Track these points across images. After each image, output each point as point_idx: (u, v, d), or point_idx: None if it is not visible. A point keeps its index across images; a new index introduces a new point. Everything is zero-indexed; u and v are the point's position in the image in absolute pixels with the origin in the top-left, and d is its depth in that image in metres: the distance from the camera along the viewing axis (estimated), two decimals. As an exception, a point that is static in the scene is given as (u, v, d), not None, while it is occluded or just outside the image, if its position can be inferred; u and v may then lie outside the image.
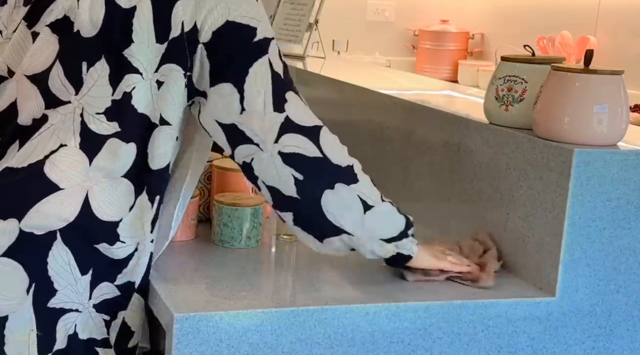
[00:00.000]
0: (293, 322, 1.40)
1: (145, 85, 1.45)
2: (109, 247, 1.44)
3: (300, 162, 1.43)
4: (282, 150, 1.43)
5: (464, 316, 1.48)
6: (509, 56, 1.71)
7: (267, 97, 1.43)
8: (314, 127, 1.45)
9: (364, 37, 4.35)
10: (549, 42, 3.66)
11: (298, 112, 1.45)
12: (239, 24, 1.44)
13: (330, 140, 1.46)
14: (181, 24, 1.43)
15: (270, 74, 1.45)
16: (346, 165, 1.47)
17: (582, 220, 1.51)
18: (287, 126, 1.43)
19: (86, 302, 1.45)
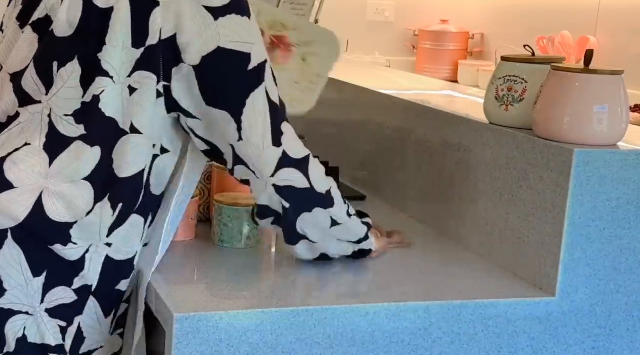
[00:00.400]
0: (293, 322, 1.40)
1: (115, 89, 1.42)
2: (62, 248, 1.42)
3: (290, 193, 1.48)
4: (276, 183, 1.47)
5: (464, 316, 1.48)
6: (509, 56, 1.71)
7: (266, 130, 1.44)
8: (304, 158, 1.49)
9: (364, 37, 4.35)
10: (549, 42, 3.66)
11: (292, 145, 1.48)
12: (231, 51, 1.41)
13: (316, 169, 1.51)
14: (159, 32, 1.40)
15: (268, 105, 1.44)
16: (326, 192, 1.52)
17: (582, 220, 1.51)
18: (283, 161, 1.46)
19: (37, 306, 1.42)
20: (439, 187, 1.88)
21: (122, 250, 1.47)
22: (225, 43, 1.40)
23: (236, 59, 1.42)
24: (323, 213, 1.52)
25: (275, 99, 1.46)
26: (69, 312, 1.45)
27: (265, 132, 1.44)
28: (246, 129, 1.43)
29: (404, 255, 1.72)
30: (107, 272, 1.46)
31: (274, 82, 1.47)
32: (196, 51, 1.40)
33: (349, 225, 1.57)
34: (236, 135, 1.44)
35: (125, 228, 1.46)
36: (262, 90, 1.43)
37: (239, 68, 1.42)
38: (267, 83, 1.44)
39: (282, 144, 1.45)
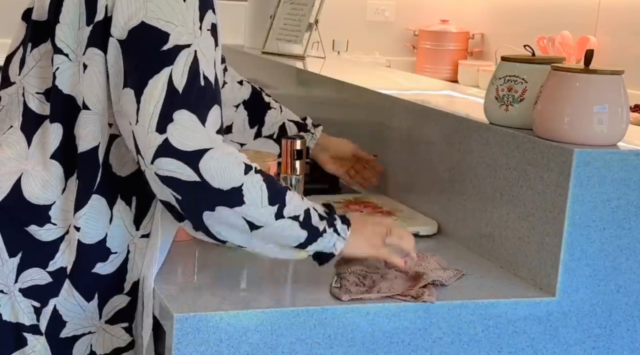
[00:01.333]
0: (293, 322, 1.40)
1: (72, 67, 1.46)
2: (37, 229, 1.45)
3: (176, 184, 1.37)
4: (157, 172, 1.37)
5: (464, 316, 1.48)
6: (509, 56, 1.71)
7: (155, 113, 1.36)
8: (195, 152, 1.36)
9: (364, 37, 4.35)
10: (549, 42, 3.66)
11: (181, 135, 1.36)
12: (153, 27, 1.39)
13: (212, 164, 1.36)
14: (105, 8, 1.42)
15: (167, 89, 1.37)
16: (230, 189, 1.38)
17: (582, 220, 1.51)
18: (164, 149, 1.35)
19: (11, 285, 1.46)
20: (439, 187, 1.88)
21: (87, 234, 1.47)
22: (149, 18, 1.39)
23: (153, 37, 1.39)
24: (230, 212, 1.38)
25: (178, 86, 1.37)
26: (43, 293, 1.48)
27: (153, 116, 1.36)
28: (141, 111, 1.37)
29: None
30: (81, 256, 1.48)
31: (191, 69, 1.39)
32: (123, 24, 1.40)
33: (275, 228, 1.41)
34: (134, 118, 1.38)
35: (88, 210, 1.46)
36: (166, 72, 1.37)
37: (153, 46, 1.39)
38: (175, 67, 1.37)
39: (166, 131, 1.36)
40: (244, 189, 1.38)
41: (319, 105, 2.55)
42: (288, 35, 3.17)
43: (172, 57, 1.38)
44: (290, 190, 1.45)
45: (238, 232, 1.41)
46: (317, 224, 1.44)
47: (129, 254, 1.52)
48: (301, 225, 1.42)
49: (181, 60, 1.39)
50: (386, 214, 1.93)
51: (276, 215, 1.41)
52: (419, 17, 4.47)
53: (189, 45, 1.40)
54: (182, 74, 1.38)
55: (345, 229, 1.47)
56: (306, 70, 2.84)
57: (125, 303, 1.53)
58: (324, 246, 1.45)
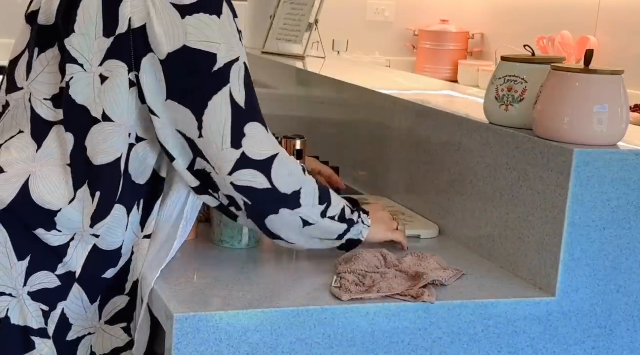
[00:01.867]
0: (293, 322, 1.40)
1: (86, 78, 1.44)
2: (45, 233, 1.45)
3: (250, 192, 1.48)
4: (234, 182, 1.46)
5: (464, 316, 1.48)
6: (509, 56, 1.71)
7: (226, 131, 1.44)
8: (268, 159, 1.47)
9: (364, 37, 4.35)
10: (549, 42, 3.66)
11: (255, 146, 1.46)
12: (198, 50, 1.42)
13: (282, 170, 1.48)
14: (128, 21, 1.42)
15: (231, 106, 1.44)
16: (292, 192, 1.50)
17: (582, 220, 1.51)
18: (242, 162, 1.45)
19: (20, 288, 1.45)
20: (439, 187, 1.88)
21: (107, 241, 1.49)
22: (191, 42, 1.41)
23: (202, 59, 1.42)
24: (290, 214, 1.51)
25: (240, 101, 1.45)
26: (52, 297, 1.47)
27: (225, 134, 1.44)
28: (206, 129, 1.43)
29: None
30: (93, 261, 1.49)
31: (245, 81, 1.46)
32: (163, 47, 1.41)
33: (322, 225, 1.55)
34: (197, 132, 1.44)
35: (110, 219, 1.47)
36: (226, 92, 1.43)
37: (204, 68, 1.42)
38: (232, 84, 1.44)
39: (242, 146, 1.45)
40: (302, 192, 1.52)
41: (319, 105, 2.55)
42: (288, 35, 3.17)
43: (226, 75, 1.43)
44: (330, 189, 1.59)
45: (293, 230, 1.54)
46: (350, 217, 1.59)
47: (133, 256, 1.53)
48: (341, 221, 1.57)
49: (235, 76, 1.44)
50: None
51: (322, 213, 1.55)
52: (419, 17, 4.47)
53: (237, 59, 1.45)
54: (240, 89, 1.45)
55: (367, 218, 1.63)
56: (306, 70, 2.84)
57: (125, 303, 1.54)
58: (354, 235, 1.60)
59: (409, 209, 1.98)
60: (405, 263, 1.58)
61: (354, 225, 1.60)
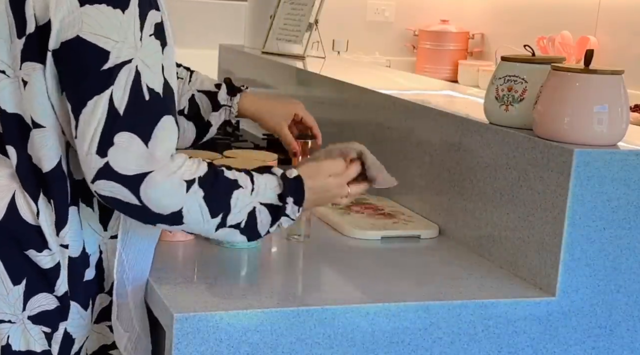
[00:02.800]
0: (293, 322, 1.40)
1: (12, 84, 1.38)
2: (36, 254, 1.41)
3: (117, 203, 1.37)
4: (97, 191, 1.36)
5: (464, 316, 1.48)
6: (509, 56, 1.71)
7: (95, 136, 1.33)
8: (135, 176, 1.34)
9: (364, 37, 4.35)
10: (549, 42, 3.66)
11: (122, 159, 1.33)
12: (90, 43, 1.32)
13: (153, 192, 1.35)
14: (34, 18, 1.34)
15: (107, 111, 1.33)
16: (170, 213, 1.37)
17: (582, 220, 1.51)
18: (104, 172, 1.33)
19: (20, 314, 1.41)
20: (439, 187, 1.88)
21: (73, 247, 1.44)
22: (86, 33, 1.32)
23: (92, 54, 1.32)
24: (171, 228, 1.41)
25: (118, 106, 1.33)
26: (53, 318, 1.44)
27: (93, 138, 1.33)
28: (80, 130, 1.34)
29: (404, 255, 1.72)
30: (73, 272, 1.45)
31: (132, 87, 1.34)
32: (56, 35, 1.33)
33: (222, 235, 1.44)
34: (74, 131, 1.35)
35: (69, 225, 1.43)
36: (106, 94, 1.32)
37: (93, 64, 1.33)
38: (115, 87, 1.33)
39: (107, 155, 1.33)
40: (184, 211, 1.38)
41: (319, 105, 2.55)
42: (288, 35, 3.17)
43: (113, 76, 1.33)
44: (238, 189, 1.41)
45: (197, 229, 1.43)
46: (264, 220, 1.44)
47: (102, 254, 1.50)
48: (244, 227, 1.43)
49: (122, 79, 1.33)
50: (387, 216, 1.93)
51: (219, 225, 1.41)
52: (419, 17, 4.47)
53: (130, 61, 1.34)
54: (123, 94, 1.34)
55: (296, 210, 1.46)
56: (306, 70, 2.84)
57: (108, 302, 1.52)
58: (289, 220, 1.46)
59: (409, 209, 1.98)
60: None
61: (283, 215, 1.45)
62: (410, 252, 1.75)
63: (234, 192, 1.41)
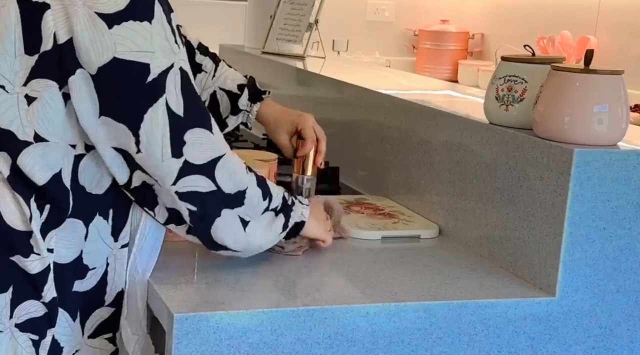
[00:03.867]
0: (293, 322, 1.40)
1: (9, 99, 1.35)
2: (24, 259, 1.38)
3: (195, 197, 1.42)
4: (178, 190, 1.40)
5: (464, 316, 1.48)
6: (509, 56, 1.71)
7: (165, 142, 1.36)
8: (211, 162, 1.41)
9: (364, 37, 4.35)
10: (549, 42, 3.66)
11: (197, 152, 1.40)
12: (129, 61, 1.33)
13: (226, 171, 1.43)
14: (53, 36, 1.32)
15: (168, 117, 1.36)
16: (236, 192, 1.45)
17: (582, 220, 1.51)
18: (185, 170, 1.39)
19: (7, 322, 1.39)
20: (439, 187, 1.88)
21: (60, 253, 1.42)
22: (121, 53, 1.32)
23: (133, 71, 1.34)
24: (230, 214, 1.46)
25: (178, 110, 1.37)
26: (40, 326, 1.42)
27: (164, 145, 1.37)
28: (144, 143, 1.36)
29: (404, 255, 1.72)
30: (59, 278, 1.42)
31: (182, 88, 1.38)
32: (92, 61, 1.33)
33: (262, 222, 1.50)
34: (135, 148, 1.37)
35: (59, 231, 1.41)
36: (162, 102, 1.35)
37: (137, 80, 1.34)
38: (168, 94, 1.36)
39: (183, 154, 1.38)
40: (247, 192, 1.47)
41: (319, 105, 2.55)
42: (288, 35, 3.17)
43: (161, 85, 1.35)
44: (266, 180, 1.54)
45: (237, 233, 1.48)
46: (290, 202, 1.56)
47: (109, 267, 1.48)
48: (278, 212, 1.54)
49: (171, 85, 1.36)
50: (387, 216, 1.93)
51: (266, 209, 1.51)
52: (419, 17, 4.47)
53: (172, 66, 1.36)
54: (177, 98, 1.37)
55: (303, 198, 1.61)
56: (306, 70, 2.84)
57: (108, 315, 1.50)
58: (297, 217, 1.57)
59: (409, 209, 1.98)
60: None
61: (292, 209, 1.56)
62: (410, 252, 1.75)
63: (267, 182, 1.54)
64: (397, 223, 1.87)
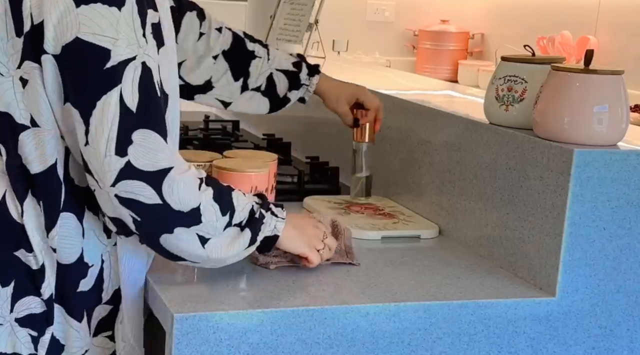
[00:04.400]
0: (293, 322, 1.40)
1: (5, 82, 1.36)
2: (27, 254, 1.39)
3: (137, 207, 1.34)
4: (118, 194, 1.33)
5: (464, 316, 1.48)
6: (509, 56, 1.71)
7: (111, 136, 1.31)
8: (158, 172, 1.33)
9: (364, 37, 4.35)
10: (549, 42, 3.66)
11: (143, 156, 1.32)
12: (90, 44, 1.30)
13: (176, 187, 1.34)
14: (30, 18, 1.32)
15: (120, 109, 1.31)
16: (190, 210, 1.36)
17: (582, 220, 1.51)
18: (126, 172, 1.32)
19: (7, 315, 1.40)
20: (439, 187, 1.88)
21: (64, 253, 1.42)
22: (84, 34, 1.30)
23: (93, 54, 1.30)
24: (187, 232, 1.37)
25: (131, 105, 1.32)
26: (39, 322, 1.42)
27: (110, 139, 1.31)
28: (92, 133, 1.31)
29: (404, 255, 1.72)
30: (62, 278, 1.43)
31: (141, 83, 1.33)
32: (56, 39, 1.31)
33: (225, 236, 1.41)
34: (84, 139, 1.33)
35: (59, 229, 1.40)
36: (116, 92, 1.31)
37: (95, 64, 1.31)
38: (124, 85, 1.31)
39: (127, 153, 1.31)
40: (202, 208, 1.37)
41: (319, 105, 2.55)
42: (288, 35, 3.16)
43: (119, 74, 1.31)
44: (233, 191, 1.43)
45: (194, 249, 1.39)
46: (258, 216, 1.45)
47: (104, 264, 1.46)
48: (244, 226, 1.43)
49: (129, 77, 1.32)
50: (387, 216, 1.93)
51: (227, 224, 1.41)
52: (419, 17, 4.47)
53: (134, 58, 1.32)
54: (133, 92, 1.32)
55: (281, 210, 1.49)
56: (306, 70, 2.83)
57: (107, 312, 1.49)
58: (267, 231, 1.46)
59: (409, 209, 1.98)
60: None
61: (262, 223, 1.45)
62: (410, 252, 1.75)
63: (232, 194, 1.43)
64: (397, 223, 1.87)
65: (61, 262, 1.42)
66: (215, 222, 1.39)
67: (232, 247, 1.42)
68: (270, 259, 1.56)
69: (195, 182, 1.38)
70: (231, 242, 1.42)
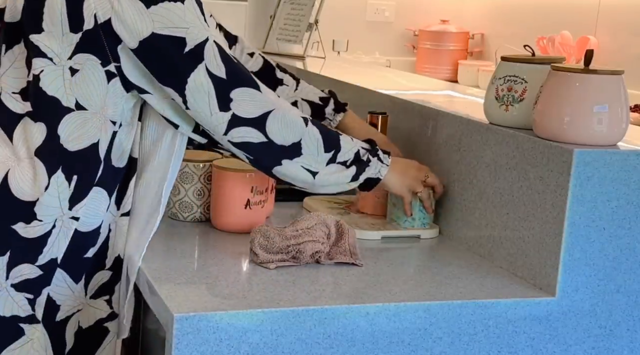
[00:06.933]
0: (293, 322, 1.40)
1: (56, 70, 1.51)
2: (25, 226, 1.50)
3: (248, 147, 1.57)
4: (231, 140, 1.56)
5: (464, 316, 1.48)
6: (509, 56, 1.71)
7: (212, 100, 1.53)
8: (260, 116, 1.56)
9: (364, 37, 4.35)
10: (549, 42, 3.66)
11: (244, 107, 1.55)
12: (166, 36, 1.49)
13: (276, 124, 1.57)
14: (94, 17, 1.48)
15: (210, 80, 1.52)
16: (290, 144, 1.59)
17: (582, 220, 1.51)
18: (234, 122, 1.55)
19: (3, 282, 1.51)
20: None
21: (87, 222, 1.56)
22: (159, 29, 1.48)
23: (171, 43, 1.49)
24: (291, 164, 1.60)
25: (219, 73, 1.52)
26: (35, 285, 1.53)
27: (211, 103, 1.52)
28: (191, 102, 1.52)
29: (404, 255, 1.72)
30: (75, 244, 1.55)
31: (222, 57, 1.53)
32: (133, 36, 1.48)
33: (329, 170, 1.63)
34: (183, 106, 1.54)
35: (88, 202, 1.55)
36: (202, 68, 1.51)
37: (176, 51, 1.50)
38: (207, 61, 1.51)
39: (230, 108, 1.54)
40: (302, 142, 1.60)
41: (319, 105, 2.55)
42: (288, 35, 3.17)
43: (199, 54, 1.51)
44: (342, 136, 1.66)
45: (301, 178, 1.62)
46: (363, 157, 1.67)
47: (110, 233, 1.61)
48: (354, 164, 1.65)
49: (209, 55, 1.51)
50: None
51: (329, 160, 1.63)
52: (419, 17, 4.47)
53: (206, 40, 1.51)
54: (218, 64, 1.52)
55: (387, 157, 1.71)
56: (306, 70, 2.84)
57: (107, 278, 1.62)
58: (371, 173, 1.68)
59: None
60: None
61: (367, 165, 1.67)
62: (410, 252, 1.75)
63: (340, 137, 1.66)
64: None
65: (80, 229, 1.55)
66: (316, 156, 1.61)
67: (335, 177, 1.64)
68: (271, 258, 1.57)
69: (298, 120, 1.60)
70: (334, 173, 1.64)
